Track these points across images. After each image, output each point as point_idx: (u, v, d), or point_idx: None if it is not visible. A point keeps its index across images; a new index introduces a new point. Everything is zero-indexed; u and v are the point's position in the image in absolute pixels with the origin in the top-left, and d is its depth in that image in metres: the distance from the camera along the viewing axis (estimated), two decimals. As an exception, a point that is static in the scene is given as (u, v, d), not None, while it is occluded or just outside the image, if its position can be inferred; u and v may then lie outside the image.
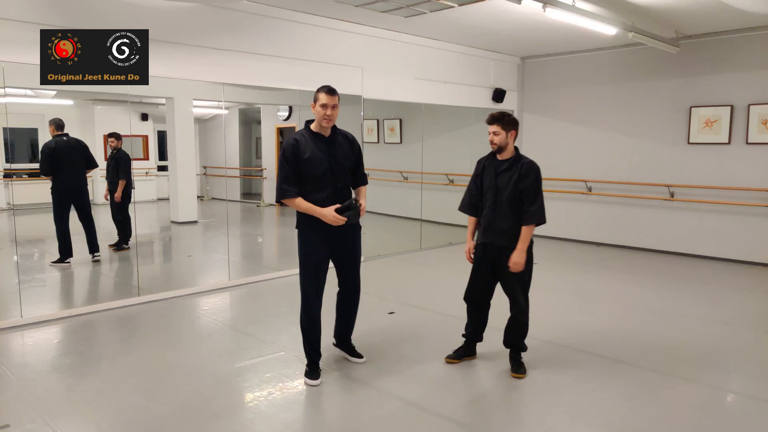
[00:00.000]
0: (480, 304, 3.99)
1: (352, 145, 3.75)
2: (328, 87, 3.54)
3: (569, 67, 8.85)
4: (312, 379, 3.67)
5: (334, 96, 3.51)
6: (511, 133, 3.72)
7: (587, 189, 8.72)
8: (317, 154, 3.54)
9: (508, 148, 3.75)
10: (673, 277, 6.80)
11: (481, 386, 3.80)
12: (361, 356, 4.02)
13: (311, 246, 3.65)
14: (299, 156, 3.52)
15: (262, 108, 12.33)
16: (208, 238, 9.16)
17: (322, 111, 3.50)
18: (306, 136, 3.59)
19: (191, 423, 3.18)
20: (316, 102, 3.53)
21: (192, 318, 5.20)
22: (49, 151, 6.37)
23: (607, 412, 3.33)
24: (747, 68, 7.17)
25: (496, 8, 5.94)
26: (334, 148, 3.61)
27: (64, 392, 3.57)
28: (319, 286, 3.71)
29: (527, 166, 3.69)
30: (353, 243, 3.81)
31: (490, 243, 3.80)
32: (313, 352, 3.74)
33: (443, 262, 7.54)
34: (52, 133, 6.46)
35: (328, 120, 3.53)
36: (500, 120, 3.70)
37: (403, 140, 10.25)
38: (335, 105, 3.52)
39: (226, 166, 11.23)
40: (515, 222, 3.70)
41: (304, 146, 3.54)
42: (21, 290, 5.17)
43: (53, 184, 6.38)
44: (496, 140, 3.71)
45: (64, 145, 6.45)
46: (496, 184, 3.75)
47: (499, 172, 3.75)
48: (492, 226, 3.77)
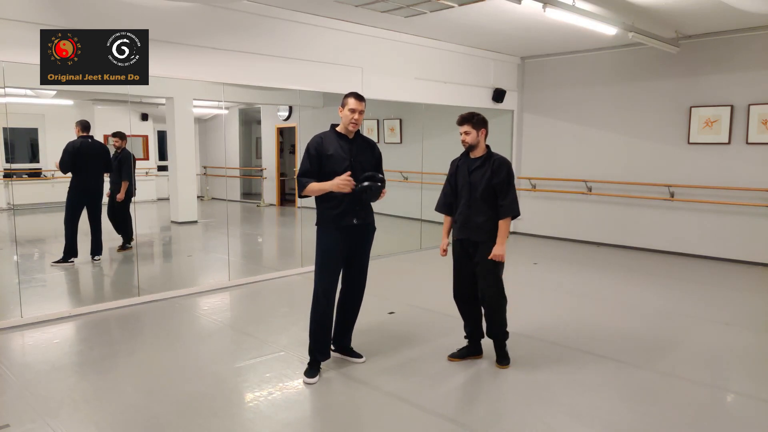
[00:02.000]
0: (469, 300, 4.04)
1: (372, 150, 3.90)
2: (357, 93, 3.74)
3: (569, 67, 8.85)
4: (310, 377, 3.70)
5: (362, 102, 3.72)
6: (481, 131, 3.88)
7: (587, 189, 8.72)
8: (340, 153, 3.71)
9: (480, 146, 3.91)
10: (673, 277, 6.80)
11: (481, 386, 3.80)
12: (360, 356, 4.02)
13: (330, 243, 3.73)
14: (322, 152, 3.69)
15: (262, 108, 12.34)
16: (208, 238, 9.16)
17: (350, 115, 3.69)
18: (331, 136, 3.77)
19: (191, 423, 3.18)
20: (344, 106, 3.72)
21: (192, 318, 5.20)
22: (74, 150, 6.42)
23: (607, 412, 3.33)
24: (747, 68, 7.17)
25: (496, 8, 5.94)
26: (356, 150, 3.78)
27: (64, 392, 3.57)
28: (332, 284, 3.77)
29: (498, 162, 3.86)
30: (366, 245, 3.90)
31: (466, 238, 3.91)
32: (318, 350, 3.77)
33: (443, 262, 7.51)
34: (78, 133, 6.53)
35: (355, 124, 3.72)
36: (470, 120, 3.86)
37: (403, 140, 10.26)
38: (362, 111, 3.72)
39: (226, 166, 11.24)
40: (490, 216, 3.84)
41: (329, 144, 3.72)
42: (21, 290, 5.17)
43: (72, 184, 6.44)
44: (468, 139, 3.86)
45: (88, 147, 6.52)
46: (470, 181, 3.88)
47: (472, 169, 3.89)
48: (468, 222, 3.89)
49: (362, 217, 3.77)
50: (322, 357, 3.81)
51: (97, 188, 6.64)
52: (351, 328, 4.05)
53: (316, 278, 3.77)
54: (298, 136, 9.83)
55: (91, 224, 6.59)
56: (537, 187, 9.29)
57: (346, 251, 3.79)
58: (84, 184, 6.49)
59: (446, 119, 9.71)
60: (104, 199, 7.36)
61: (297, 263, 6.93)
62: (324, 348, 3.82)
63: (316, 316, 3.76)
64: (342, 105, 3.73)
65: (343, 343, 4.04)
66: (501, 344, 3.98)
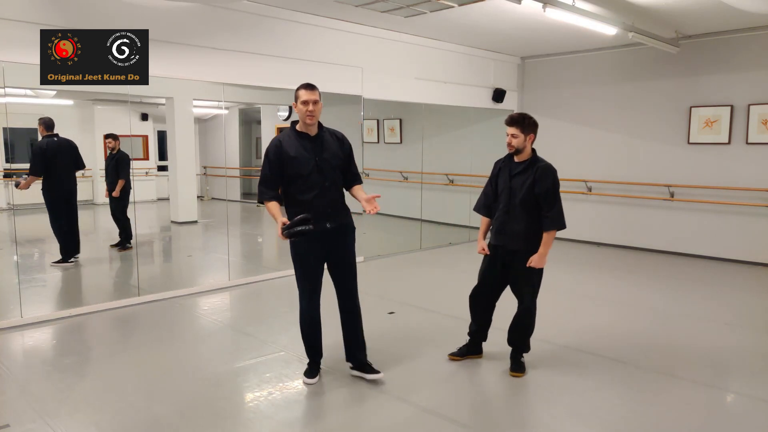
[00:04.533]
0: (485, 305, 3.97)
1: (341, 143, 3.61)
2: (307, 83, 3.44)
3: (569, 67, 8.85)
4: (309, 377, 3.67)
5: (313, 91, 3.41)
6: (529, 136, 3.67)
7: (587, 189, 8.72)
8: (303, 153, 3.44)
9: (526, 150, 3.69)
10: (674, 277, 6.80)
11: (481, 386, 3.80)
12: (377, 372, 3.72)
13: (305, 250, 3.52)
14: (283, 157, 3.43)
15: (262, 108, 12.32)
16: (208, 238, 9.16)
17: (303, 108, 3.39)
18: (291, 136, 3.50)
19: (191, 423, 3.18)
20: (296, 100, 3.43)
21: (192, 318, 5.20)
22: (41, 151, 6.25)
23: (607, 412, 3.33)
24: (747, 68, 7.17)
25: (496, 8, 5.94)
26: (321, 147, 3.50)
27: (64, 392, 3.57)
28: (313, 286, 3.61)
29: (543, 169, 3.63)
30: (346, 248, 3.63)
31: (501, 245, 3.77)
32: (311, 351, 3.73)
33: (443, 262, 7.53)
34: (42, 133, 6.33)
35: (311, 116, 3.41)
36: (520, 123, 3.64)
37: (403, 140, 10.25)
38: (316, 101, 3.41)
39: (226, 166, 11.23)
40: (528, 225, 3.66)
41: (289, 146, 3.45)
42: (21, 290, 5.17)
43: (45, 186, 6.26)
44: (514, 142, 3.65)
45: (54, 146, 6.33)
46: (510, 186, 3.71)
47: (514, 174, 3.71)
48: (504, 228, 3.74)
49: (336, 221, 3.52)
50: (317, 356, 3.75)
51: (70, 186, 6.47)
52: (360, 339, 3.77)
53: (298, 284, 3.63)
54: (298, 136, 9.79)
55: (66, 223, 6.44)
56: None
57: (323, 255, 3.58)
58: (57, 184, 6.30)
59: (446, 119, 9.77)
60: (103, 200, 7.37)
61: (297, 263, 6.92)
62: (316, 347, 3.72)
63: (303, 319, 3.68)
64: (294, 99, 3.43)
65: (359, 358, 3.77)
66: (518, 354, 3.89)
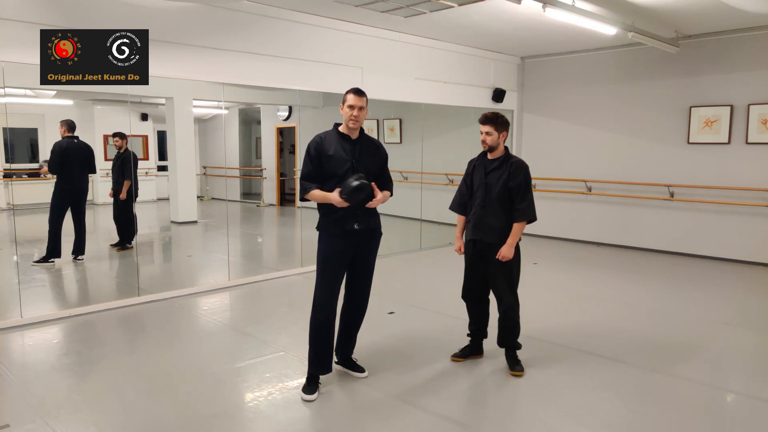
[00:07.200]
0: (478, 300, 4.02)
1: (378, 151, 3.70)
2: (357, 88, 3.55)
3: (569, 67, 8.85)
4: (308, 393, 3.49)
5: (361, 97, 3.52)
6: (503, 134, 3.84)
7: (587, 189, 8.72)
8: (341, 153, 3.51)
9: (499, 147, 3.86)
10: (674, 277, 6.80)
11: (480, 386, 3.79)
12: (363, 370, 3.81)
13: (331, 250, 3.53)
14: (322, 153, 3.51)
15: (262, 108, 12.34)
16: (208, 238, 9.16)
17: (349, 112, 3.50)
18: (332, 135, 3.59)
19: (191, 423, 3.18)
20: (344, 103, 3.53)
21: (192, 318, 5.19)
22: (60, 150, 6.40)
23: (607, 412, 3.33)
24: (747, 68, 7.17)
25: (496, 8, 5.94)
26: (359, 151, 3.57)
27: (64, 392, 3.57)
28: (334, 292, 3.57)
29: (516, 165, 3.81)
30: (371, 252, 3.68)
31: (479, 239, 3.87)
32: (318, 363, 3.57)
33: (443, 262, 7.53)
34: (63, 133, 6.49)
35: (355, 121, 3.51)
36: (494, 121, 3.80)
37: (403, 140, 10.26)
38: (362, 107, 3.51)
39: (226, 166, 11.24)
40: (504, 219, 3.79)
41: (329, 144, 3.53)
42: (21, 290, 5.17)
43: (58, 184, 6.40)
44: (488, 140, 3.81)
45: (74, 147, 6.49)
46: (486, 182, 3.84)
47: (489, 170, 3.85)
48: (481, 222, 3.84)
49: (364, 222, 3.54)
50: (323, 370, 3.60)
51: (82, 188, 6.60)
52: (353, 338, 3.84)
53: (316, 286, 3.56)
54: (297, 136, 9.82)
55: (75, 224, 6.55)
56: (537, 186, 9.25)
57: (348, 258, 3.58)
58: (70, 184, 6.45)
59: (446, 119, 9.77)
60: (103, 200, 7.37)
61: (297, 263, 6.93)
62: (325, 360, 3.59)
63: (316, 325, 3.54)
64: (342, 102, 3.54)
65: (345, 354, 3.84)
66: (512, 353, 3.92)
